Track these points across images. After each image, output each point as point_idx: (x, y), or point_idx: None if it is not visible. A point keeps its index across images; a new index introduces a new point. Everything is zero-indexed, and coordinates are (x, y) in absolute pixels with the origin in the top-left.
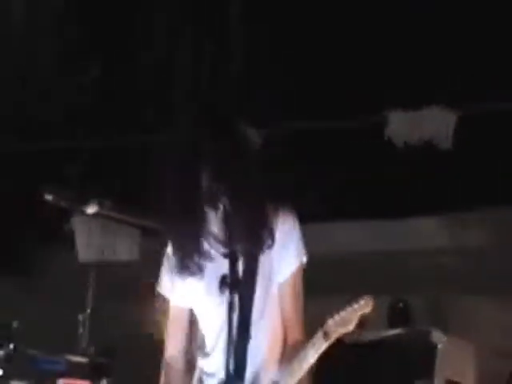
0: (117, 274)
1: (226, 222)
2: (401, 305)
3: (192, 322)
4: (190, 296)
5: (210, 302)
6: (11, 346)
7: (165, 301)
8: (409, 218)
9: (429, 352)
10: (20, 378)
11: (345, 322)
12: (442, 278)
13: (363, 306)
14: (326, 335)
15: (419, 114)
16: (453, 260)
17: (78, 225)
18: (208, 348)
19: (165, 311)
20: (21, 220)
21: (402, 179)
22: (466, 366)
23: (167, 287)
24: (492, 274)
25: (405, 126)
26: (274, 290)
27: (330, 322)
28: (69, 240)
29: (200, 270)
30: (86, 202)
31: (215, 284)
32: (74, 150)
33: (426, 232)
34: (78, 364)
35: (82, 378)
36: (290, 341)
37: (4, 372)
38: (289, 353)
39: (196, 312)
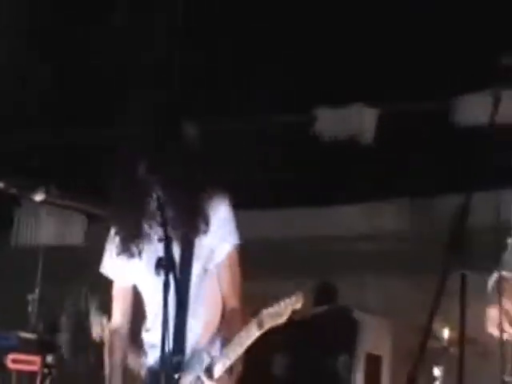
0: (63, 257)
1: (161, 209)
2: (326, 286)
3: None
4: (131, 275)
5: (149, 282)
6: None
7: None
8: (333, 206)
9: (351, 328)
10: None
11: (278, 314)
12: (362, 261)
13: (295, 302)
14: (259, 325)
15: (344, 111)
16: (371, 244)
17: (26, 210)
18: (148, 323)
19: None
20: None
21: (328, 172)
22: (383, 340)
23: (109, 267)
24: (405, 256)
25: (330, 121)
26: (213, 269)
27: (265, 313)
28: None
29: (139, 252)
30: (34, 190)
31: (153, 265)
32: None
33: (348, 219)
34: (28, 340)
35: (31, 353)
36: (227, 311)
37: None
38: (224, 330)
39: (139, 289)
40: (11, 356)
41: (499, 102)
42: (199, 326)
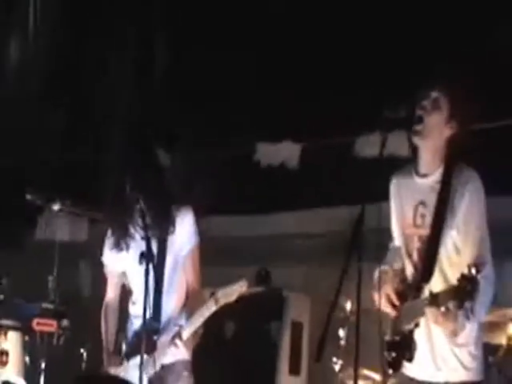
0: (72, 249)
1: (142, 216)
2: (263, 272)
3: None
4: (121, 264)
5: (134, 269)
6: (1, 296)
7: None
8: (274, 212)
9: (281, 303)
10: (8, 318)
11: (229, 294)
12: (295, 255)
13: (242, 286)
14: (216, 302)
15: (276, 146)
16: (302, 242)
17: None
18: (134, 299)
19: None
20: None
21: (267, 188)
22: (304, 311)
23: (106, 257)
24: (323, 251)
25: (267, 153)
26: (181, 260)
27: (220, 293)
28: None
29: (127, 248)
30: (53, 202)
31: (137, 257)
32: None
33: (286, 223)
34: (48, 309)
35: (50, 318)
36: (190, 291)
37: None
38: (189, 305)
39: (127, 274)
40: (36, 320)
41: (386, 141)
42: (171, 301)
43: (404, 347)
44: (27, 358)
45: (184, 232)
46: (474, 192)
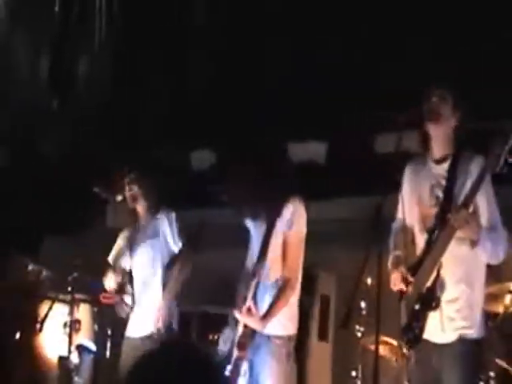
0: None
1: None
2: None
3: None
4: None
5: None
6: (75, 274)
7: None
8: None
9: (311, 279)
10: (80, 292)
11: None
12: (323, 238)
13: None
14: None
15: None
16: (329, 227)
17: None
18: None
19: None
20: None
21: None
22: (331, 286)
23: None
24: (350, 235)
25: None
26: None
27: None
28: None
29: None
30: (116, 194)
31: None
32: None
33: (317, 211)
34: None
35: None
36: (280, 277)
37: (72, 289)
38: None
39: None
40: (102, 295)
41: (401, 139)
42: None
43: (428, 298)
44: (96, 326)
45: (287, 219)
46: (478, 169)
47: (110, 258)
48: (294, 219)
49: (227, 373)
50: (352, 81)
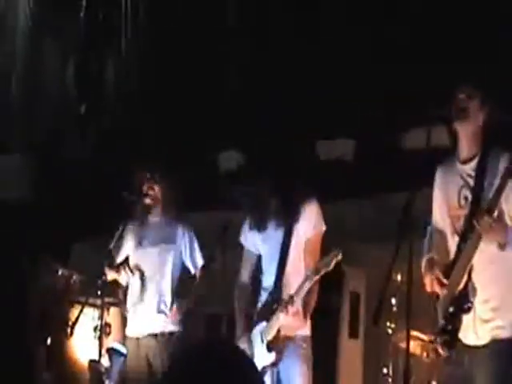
0: None
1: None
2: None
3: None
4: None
5: (265, 250)
6: (104, 277)
7: None
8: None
9: (341, 276)
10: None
11: (327, 264)
12: (353, 235)
13: (337, 255)
14: (316, 271)
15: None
16: (358, 225)
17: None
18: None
19: None
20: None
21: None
22: (361, 283)
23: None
24: (379, 232)
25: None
26: (303, 246)
27: (319, 263)
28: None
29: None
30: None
31: (269, 240)
32: None
33: (345, 209)
34: None
35: None
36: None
37: (102, 292)
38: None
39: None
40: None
41: (430, 135)
42: (292, 280)
43: (460, 301)
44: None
45: (307, 220)
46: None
47: (115, 251)
48: (317, 218)
49: None
50: (379, 78)
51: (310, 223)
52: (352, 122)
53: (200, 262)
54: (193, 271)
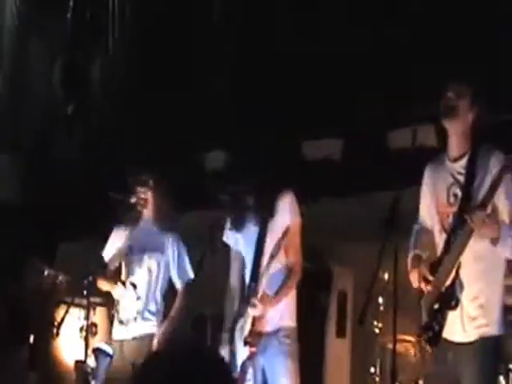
0: None
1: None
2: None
3: None
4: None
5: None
6: (91, 277)
7: None
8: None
9: (328, 275)
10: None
11: None
12: (340, 234)
13: None
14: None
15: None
16: (346, 224)
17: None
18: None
19: None
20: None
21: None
22: (348, 282)
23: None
24: (366, 231)
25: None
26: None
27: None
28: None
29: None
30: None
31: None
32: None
33: (332, 208)
34: None
35: None
36: (289, 270)
37: (88, 293)
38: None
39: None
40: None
41: (416, 134)
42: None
43: (447, 298)
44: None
45: (282, 214)
46: (498, 164)
47: (108, 258)
48: (292, 210)
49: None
50: (366, 77)
51: (285, 216)
52: (340, 121)
53: (189, 274)
54: (178, 285)
